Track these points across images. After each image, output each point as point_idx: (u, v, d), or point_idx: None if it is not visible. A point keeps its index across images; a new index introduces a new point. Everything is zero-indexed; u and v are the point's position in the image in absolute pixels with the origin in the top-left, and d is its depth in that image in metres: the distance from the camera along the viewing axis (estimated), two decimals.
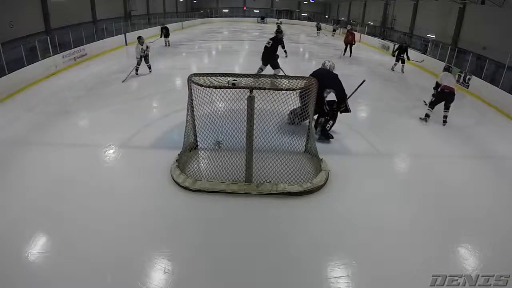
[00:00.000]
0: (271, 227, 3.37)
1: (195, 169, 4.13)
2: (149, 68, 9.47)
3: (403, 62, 11.06)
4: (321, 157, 4.37)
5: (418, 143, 5.49)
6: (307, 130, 4.60)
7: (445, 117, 6.27)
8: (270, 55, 7.98)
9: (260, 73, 7.89)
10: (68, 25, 14.64)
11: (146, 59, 9.14)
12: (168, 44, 14.94)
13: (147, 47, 8.83)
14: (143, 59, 8.98)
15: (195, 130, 4.45)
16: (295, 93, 3.93)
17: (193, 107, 4.18)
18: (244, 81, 3.91)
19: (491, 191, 4.20)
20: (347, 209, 3.69)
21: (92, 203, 3.62)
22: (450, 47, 11.73)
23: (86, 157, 4.62)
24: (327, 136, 5.24)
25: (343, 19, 28.84)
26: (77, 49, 10.88)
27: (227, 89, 3.68)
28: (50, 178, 4.09)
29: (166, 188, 3.90)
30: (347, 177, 4.23)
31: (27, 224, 3.28)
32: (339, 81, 5.10)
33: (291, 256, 2.99)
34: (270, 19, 32.34)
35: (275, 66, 8.00)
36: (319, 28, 23.98)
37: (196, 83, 3.77)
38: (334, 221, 3.49)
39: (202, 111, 4.08)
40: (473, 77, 8.98)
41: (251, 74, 4.11)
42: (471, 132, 6.13)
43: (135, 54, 8.99)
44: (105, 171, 4.38)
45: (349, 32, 13.72)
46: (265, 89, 3.62)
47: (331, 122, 5.25)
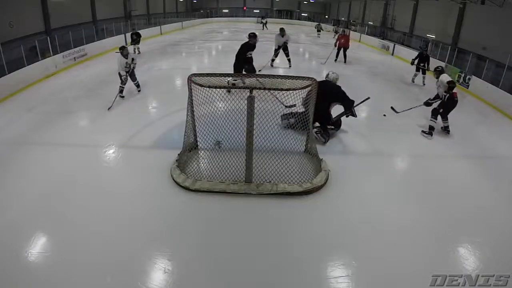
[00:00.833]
0: (271, 227, 3.37)
1: (195, 169, 4.13)
2: (138, 86, 7.44)
3: (423, 72, 9.34)
4: (321, 157, 4.37)
5: (418, 143, 5.48)
6: (307, 130, 4.60)
7: (447, 127, 5.74)
8: (238, 62, 7.57)
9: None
10: (68, 25, 14.64)
11: (133, 76, 7.15)
12: (138, 52, 12.17)
13: (132, 59, 6.92)
14: (128, 76, 6.98)
15: (195, 130, 4.45)
16: (298, 96, 3.90)
17: (193, 107, 4.18)
18: (244, 81, 3.90)
19: (491, 191, 4.19)
20: (347, 209, 3.69)
21: (92, 203, 3.62)
22: (450, 47, 11.72)
23: (86, 157, 4.62)
24: (326, 133, 5.18)
25: (343, 19, 28.83)
26: (77, 49, 10.88)
27: (227, 89, 3.68)
28: (50, 178, 4.10)
29: (166, 188, 3.90)
30: (347, 177, 4.23)
31: (27, 224, 3.28)
32: (344, 93, 5.17)
33: (291, 256, 2.99)
34: (269, 19, 32.35)
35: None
36: (319, 30, 22.48)
37: (196, 83, 3.77)
38: (334, 221, 3.49)
39: (202, 111, 4.08)
40: (473, 77, 8.97)
41: (251, 74, 4.10)
42: (471, 132, 6.13)
43: (117, 70, 6.94)
44: (105, 171, 4.38)
45: (341, 36, 12.04)
46: (265, 89, 3.61)
47: (333, 127, 5.27)
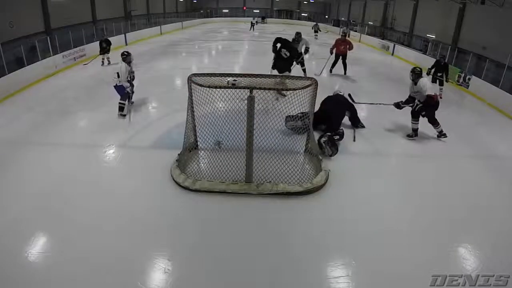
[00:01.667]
0: (271, 227, 3.37)
1: (195, 169, 4.13)
2: (130, 98, 6.26)
3: (441, 84, 7.87)
4: (321, 157, 4.37)
5: (417, 143, 5.48)
6: (307, 131, 4.60)
7: (415, 130, 5.50)
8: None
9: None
10: (68, 25, 14.65)
11: (131, 83, 6.22)
12: (108, 63, 10.25)
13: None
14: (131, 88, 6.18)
15: (195, 130, 4.45)
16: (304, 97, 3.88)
17: (193, 107, 4.18)
18: (244, 81, 3.90)
19: (491, 191, 4.19)
20: (347, 209, 3.69)
21: (92, 203, 3.62)
22: (450, 47, 11.73)
23: (86, 157, 4.62)
24: (335, 146, 4.85)
25: (343, 19, 28.83)
26: (77, 49, 10.87)
27: (227, 89, 3.68)
28: (50, 178, 4.10)
29: (166, 188, 3.90)
30: (347, 177, 4.23)
31: (27, 224, 3.28)
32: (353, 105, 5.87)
33: (291, 256, 2.99)
34: (268, 19, 32.38)
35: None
36: (316, 31, 20.95)
37: (196, 83, 3.77)
38: (334, 221, 3.48)
39: (202, 111, 4.08)
40: (473, 77, 8.97)
41: (251, 74, 4.10)
42: (471, 132, 6.13)
43: (118, 79, 5.84)
44: (105, 171, 4.38)
45: (340, 41, 9.58)
46: (265, 89, 3.61)
47: (337, 137, 5.09)
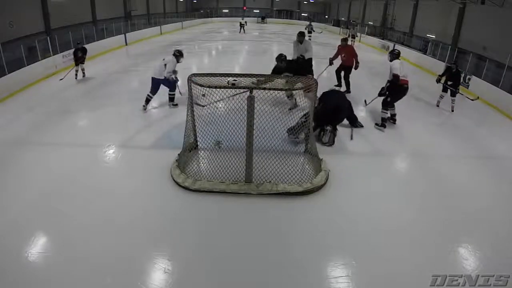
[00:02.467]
0: (271, 227, 3.37)
1: (195, 169, 4.13)
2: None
3: (452, 94, 6.91)
4: (321, 157, 4.37)
5: (418, 143, 5.48)
6: (307, 131, 4.60)
7: (394, 115, 5.77)
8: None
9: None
10: (68, 25, 14.65)
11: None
12: (83, 75, 8.85)
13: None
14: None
15: (195, 130, 4.45)
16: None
17: (193, 107, 4.18)
18: (244, 81, 3.91)
19: (491, 191, 4.19)
20: (347, 209, 3.69)
21: (92, 203, 3.62)
22: (450, 47, 11.73)
23: (86, 157, 4.62)
24: (333, 137, 5.14)
25: (343, 19, 28.83)
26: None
27: (227, 89, 3.68)
28: (50, 178, 4.09)
29: (166, 188, 3.90)
30: (347, 177, 4.23)
31: (27, 224, 3.28)
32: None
33: (291, 256, 2.99)
34: (269, 19, 32.39)
35: None
36: (310, 31, 19.11)
37: (196, 83, 3.77)
38: (334, 221, 3.48)
39: (202, 111, 4.08)
40: (473, 77, 8.98)
41: (251, 74, 4.11)
42: (471, 132, 6.13)
43: (167, 71, 6.01)
44: (105, 171, 4.38)
45: (342, 48, 7.69)
46: (265, 89, 3.61)
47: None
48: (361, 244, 3.16)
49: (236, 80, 3.78)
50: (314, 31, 20.37)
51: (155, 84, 6.18)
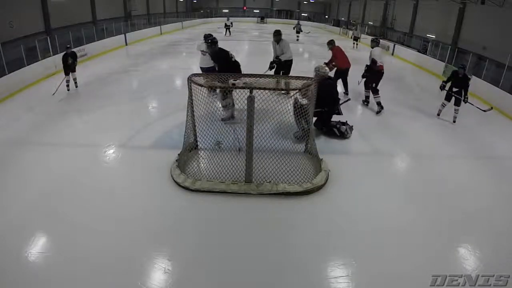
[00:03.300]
0: (271, 227, 3.37)
1: (195, 169, 4.13)
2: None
3: (457, 103, 6.18)
4: (321, 157, 4.37)
5: (418, 143, 5.49)
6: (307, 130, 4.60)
7: (367, 97, 6.88)
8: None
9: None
10: (68, 25, 14.65)
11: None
12: (76, 85, 7.88)
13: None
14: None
15: (195, 130, 4.45)
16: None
17: (193, 107, 4.18)
18: (244, 81, 3.91)
19: (491, 191, 4.19)
20: (347, 209, 3.69)
21: (92, 203, 3.62)
22: (450, 47, 11.73)
23: (86, 157, 4.62)
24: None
25: (343, 19, 28.83)
26: (77, 49, 10.84)
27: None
28: (50, 178, 4.09)
29: (166, 188, 3.90)
30: (347, 177, 4.23)
31: (27, 224, 3.28)
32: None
33: (291, 256, 2.99)
34: (269, 19, 32.40)
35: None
36: (298, 31, 18.41)
37: (196, 83, 3.77)
38: (334, 221, 3.48)
39: (202, 111, 4.08)
40: (473, 77, 8.97)
41: (251, 74, 4.11)
42: (471, 132, 6.13)
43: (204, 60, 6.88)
44: (105, 171, 4.38)
45: (337, 50, 7.17)
46: (265, 89, 3.62)
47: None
48: (361, 244, 3.16)
49: (236, 80, 3.78)
50: (302, 31, 19.21)
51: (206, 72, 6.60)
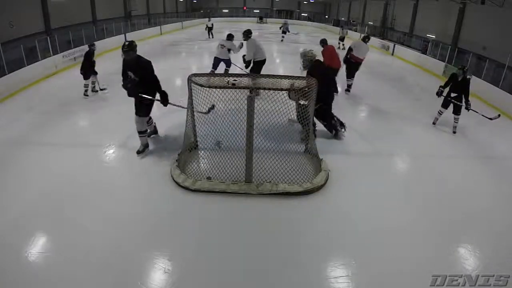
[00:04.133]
0: (271, 227, 3.37)
1: (195, 169, 4.13)
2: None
3: (456, 111, 5.58)
4: (321, 157, 4.37)
5: (418, 143, 5.49)
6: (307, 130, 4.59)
7: (350, 86, 7.81)
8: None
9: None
10: (68, 25, 14.65)
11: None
12: (96, 90, 7.40)
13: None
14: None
15: (195, 130, 4.45)
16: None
17: (193, 107, 4.18)
18: (244, 81, 3.90)
19: (491, 191, 4.19)
20: (347, 209, 3.69)
21: (92, 203, 3.62)
22: (450, 47, 11.73)
23: (86, 157, 4.62)
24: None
25: (343, 19, 28.83)
26: (77, 49, 10.87)
27: (227, 89, 3.68)
28: (50, 178, 4.09)
29: (166, 188, 3.90)
30: (347, 177, 4.23)
31: (27, 224, 3.28)
32: None
33: (291, 256, 2.99)
34: (269, 19, 32.39)
35: None
36: (284, 32, 17.27)
37: (196, 83, 3.77)
38: (334, 221, 3.48)
39: (202, 111, 4.07)
40: (473, 77, 8.97)
41: (251, 74, 4.10)
42: (471, 132, 6.12)
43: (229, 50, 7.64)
44: (105, 171, 4.37)
45: (328, 49, 6.83)
46: (265, 89, 3.61)
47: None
48: (361, 244, 3.15)
49: (236, 80, 3.77)
50: (289, 31, 17.86)
51: (217, 61, 7.63)
